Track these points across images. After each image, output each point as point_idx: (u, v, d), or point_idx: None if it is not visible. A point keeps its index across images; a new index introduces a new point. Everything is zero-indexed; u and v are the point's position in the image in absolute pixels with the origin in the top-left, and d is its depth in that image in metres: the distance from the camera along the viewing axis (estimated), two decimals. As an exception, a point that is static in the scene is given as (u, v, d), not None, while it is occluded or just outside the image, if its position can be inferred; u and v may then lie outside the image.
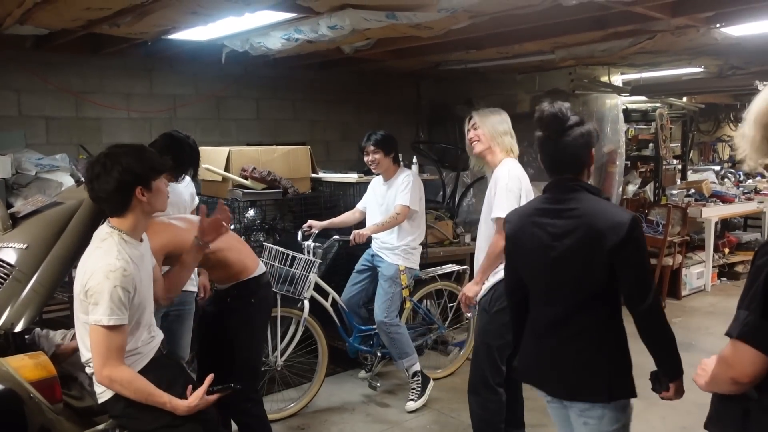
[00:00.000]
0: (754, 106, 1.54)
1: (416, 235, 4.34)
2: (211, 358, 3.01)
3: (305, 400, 4.23)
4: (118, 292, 2.14)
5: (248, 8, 3.57)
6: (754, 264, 1.51)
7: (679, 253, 6.84)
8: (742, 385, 1.54)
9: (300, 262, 4.03)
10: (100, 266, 2.17)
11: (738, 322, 1.51)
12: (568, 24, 4.52)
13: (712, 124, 10.89)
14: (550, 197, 2.23)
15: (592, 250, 2.06)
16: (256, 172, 4.60)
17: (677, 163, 8.13)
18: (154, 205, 2.33)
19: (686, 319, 6.22)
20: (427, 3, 3.45)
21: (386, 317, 4.22)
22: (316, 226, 4.34)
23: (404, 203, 4.16)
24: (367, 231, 4.15)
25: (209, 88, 6.22)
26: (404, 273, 4.27)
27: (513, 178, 3.14)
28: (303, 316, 4.09)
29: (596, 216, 2.09)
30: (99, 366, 2.17)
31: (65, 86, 5.42)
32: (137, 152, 2.29)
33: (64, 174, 4.80)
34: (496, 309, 3.22)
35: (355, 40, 4.72)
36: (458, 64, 6.35)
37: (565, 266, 2.13)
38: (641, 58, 6.21)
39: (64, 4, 3.52)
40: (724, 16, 4.35)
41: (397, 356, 4.30)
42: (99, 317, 2.13)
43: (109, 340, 2.15)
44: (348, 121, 7.34)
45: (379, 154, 4.22)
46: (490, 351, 3.23)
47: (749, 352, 1.49)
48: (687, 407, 4.19)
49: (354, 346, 4.46)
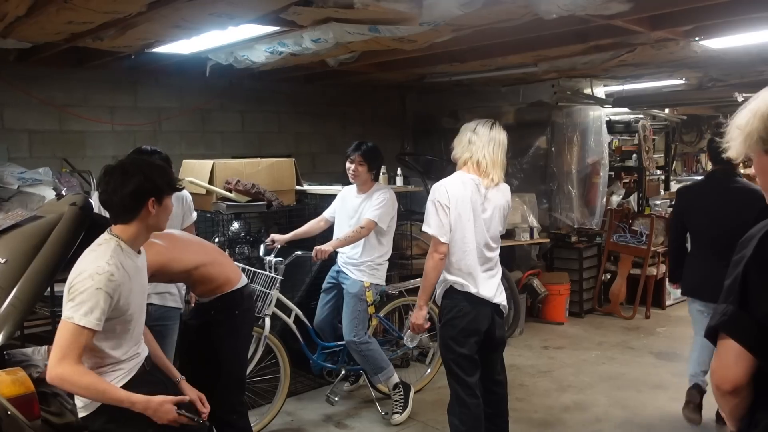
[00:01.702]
0: (760, 101, 1.48)
1: (383, 252, 4.27)
2: (195, 371, 2.99)
3: (261, 425, 4.01)
4: (99, 295, 2.11)
5: (232, 22, 3.58)
6: (732, 260, 1.49)
7: (663, 263, 6.89)
8: (726, 394, 1.46)
9: (261, 279, 3.97)
10: (89, 267, 2.16)
11: (716, 315, 1.46)
12: (550, 37, 4.57)
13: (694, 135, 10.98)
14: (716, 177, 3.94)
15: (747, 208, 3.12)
16: (240, 185, 4.59)
17: (660, 174, 8.21)
18: (159, 221, 2.35)
19: (671, 329, 6.25)
20: (410, 17, 3.47)
21: (355, 336, 4.14)
22: (278, 240, 4.25)
23: (372, 218, 4.09)
24: (328, 247, 4.05)
25: (194, 101, 6.21)
26: (369, 289, 4.19)
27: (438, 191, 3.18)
28: (264, 334, 3.96)
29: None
30: (54, 361, 2.10)
31: (49, 99, 5.39)
32: (159, 167, 2.38)
33: (46, 188, 4.76)
34: (442, 323, 3.25)
35: (340, 53, 4.74)
36: (443, 76, 6.39)
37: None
38: (623, 71, 6.28)
39: (47, 18, 3.51)
40: (703, 29, 4.41)
41: (373, 372, 4.24)
42: (72, 314, 2.10)
43: (74, 338, 2.09)
44: (333, 134, 7.35)
45: (363, 167, 4.18)
46: (448, 365, 3.24)
47: (733, 348, 1.42)
48: (671, 418, 4.22)
49: (318, 363, 4.37)
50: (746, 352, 1.41)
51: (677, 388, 4.67)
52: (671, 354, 5.48)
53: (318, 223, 4.48)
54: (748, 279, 1.42)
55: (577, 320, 6.60)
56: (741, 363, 1.42)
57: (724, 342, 1.45)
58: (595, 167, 6.86)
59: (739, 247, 1.49)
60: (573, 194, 6.89)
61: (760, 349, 1.41)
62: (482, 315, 3.20)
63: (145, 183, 2.25)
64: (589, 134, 6.84)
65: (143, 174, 2.25)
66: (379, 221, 4.11)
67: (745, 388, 1.44)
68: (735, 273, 1.46)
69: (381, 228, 4.15)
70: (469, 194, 3.16)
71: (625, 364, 5.26)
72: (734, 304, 1.43)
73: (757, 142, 1.47)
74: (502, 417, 3.41)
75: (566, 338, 6.00)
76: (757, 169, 1.53)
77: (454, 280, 3.18)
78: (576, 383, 4.85)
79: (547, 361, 5.35)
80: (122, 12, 3.37)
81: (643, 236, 6.67)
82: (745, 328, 1.42)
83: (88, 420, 2.29)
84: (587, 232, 6.88)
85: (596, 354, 5.53)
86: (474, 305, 3.18)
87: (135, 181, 2.23)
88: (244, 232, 4.98)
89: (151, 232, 2.39)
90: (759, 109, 1.46)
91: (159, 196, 2.29)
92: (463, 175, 3.21)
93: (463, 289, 3.17)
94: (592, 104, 6.95)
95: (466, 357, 3.19)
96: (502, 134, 3.24)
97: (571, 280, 6.55)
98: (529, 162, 7.06)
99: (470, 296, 3.17)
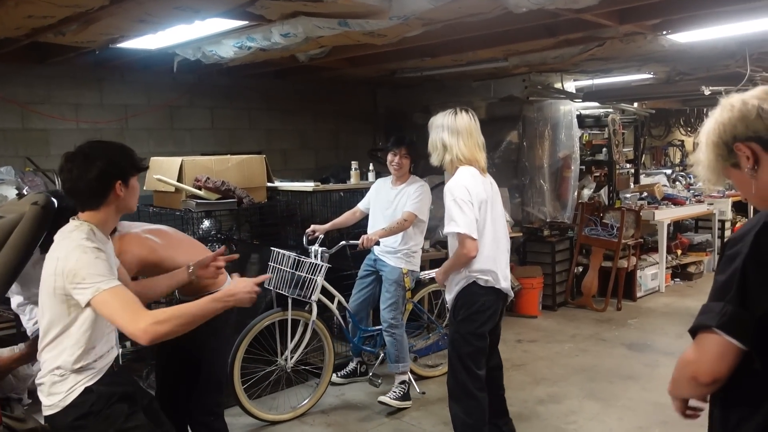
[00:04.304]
0: (704, 130, 1.58)
1: (418, 240, 4.43)
2: (173, 371, 2.94)
3: (316, 397, 4.33)
4: (99, 262, 2.07)
5: (198, 16, 3.52)
6: (724, 255, 1.47)
7: (634, 255, 6.97)
8: (702, 387, 1.47)
9: (307, 266, 4.06)
10: (73, 247, 2.09)
11: (712, 314, 1.42)
12: (520, 31, 4.58)
13: (663, 128, 11.15)
14: None
15: None
16: (210, 182, 4.52)
17: (630, 167, 8.31)
18: (128, 203, 2.29)
19: (642, 320, 6.33)
20: (379, 10, 3.45)
21: (393, 319, 4.32)
22: (319, 230, 4.41)
23: (413, 211, 4.24)
24: (375, 236, 4.18)
25: (162, 98, 6.10)
26: (407, 276, 4.36)
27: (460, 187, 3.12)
28: (312, 319, 4.15)
29: None
30: (133, 324, 2.01)
31: (10, 97, 5.26)
32: (120, 147, 2.30)
33: (9, 187, 4.66)
34: (460, 318, 3.24)
35: (310, 48, 4.70)
36: (414, 71, 6.38)
37: None
38: (593, 65, 6.34)
39: (5, 12, 3.42)
40: (671, 23, 4.47)
41: (395, 359, 4.36)
42: (96, 287, 2.03)
43: (119, 298, 2.04)
44: (305, 130, 7.30)
45: (407, 159, 4.33)
46: (462, 359, 3.24)
47: (719, 343, 1.41)
48: (644, 407, 4.27)
49: (358, 346, 4.61)
50: (735, 350, 1.40)
51: (649, 378, 4.73)
52: (642, 345, 5.55)
53: (354, 214, 4.65)
54: (747, 277, 1.39)
55: (550, 313, 6.64)
56: (727, 359, 1.41)
57: (709, 336, 1.43)
58: (567, 161, 6.91)
59: (731, 243, 1.47)
60: (545, 188, 6.94)
61: (760, 348, 1.39)
62: (500, 308, 3.29)
63: (109, 167, 2.19)
64: (560, 128, 6.88)
65: (106, 156, 2.20)
66: (419, 213, 4.27)
67: (722, 381, 1.44)
68: (730, 270, 1.43)
69: (420, 219, 4.31)
70: (482, 187, 3.16)
71: (598, 356, 5.30)
72: (733, 303, 1.40)
73: (719, 164, 1.55)
74: (498, 396, 3.46)
75: (540, 331, 6.04)
76: (735, 184, 1.58)
77: (478, 275, 3.17)
78: (550, 376, 4.87)
79: (521, 355, 5.38)
80: (84, 6, 3.30)
81: (613, 229, 6.73)
82: (747, 328, 1.39)
83: (55, 419, 2.21)
84: (559, 225, 6.92)
85: (569, 346, 5.57)
86: (496, 300, 3.23)
87: (99, 164, 2.17)
88: (215, 230, 4.91)
89: (120, 215, 2.34)
90: (708, 138, 1.56)
91: (125, 177, 2.23)
92: (468, 169, 3.17)
93: (488, 284, 3.18)
94: (563, 99, 7.00)
95: (482, 350, 3.24)
96: (470, 119, 3.23)
97: (544, 274, 6.59)
98: (501, 156, 7.08)
99: (494, 291, 3.20)
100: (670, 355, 5.07)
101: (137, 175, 2.32)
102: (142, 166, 2.36)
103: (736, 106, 1.52)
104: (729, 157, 1.53)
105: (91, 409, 2.16)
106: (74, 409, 2.16)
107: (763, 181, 1.49)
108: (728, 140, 1.51)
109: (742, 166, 1.51)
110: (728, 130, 1.51)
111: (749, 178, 1.51)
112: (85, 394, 2.17)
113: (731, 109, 1.52)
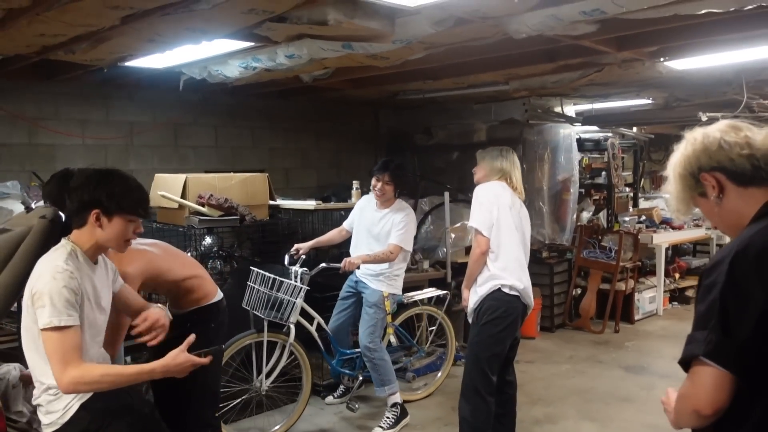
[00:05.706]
0: (670, 164, 1.68)
1: (401, 264, 4.41)
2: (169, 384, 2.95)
3: (291, 422, 4.26)
4: (65, 293, 2.07)
5: (206, 37, 3.60)
6: (702, 284, 1.51)
7: (632, 278, 7.01)
8: (705, 418, 1.48)
9: (286, 288, 4.02)
10: (47, 268, 2.12)
11: (698, 343, 1.45)
12: (521, 56, 4.66)
13: (662, 153, 11.21)
14: None
15: None
16: (213, 199, 4.58)
17: (629, 191, 8.35)
18: (108, 240, 2.24)
19: (639, 343, 6.35)
20: (383, 34, 3.52)
21: (370, 342, 4.27)
22: (303, 249, 4.36)
23: (397, 243, 4.24)
24: (357, 260, 4.17)
25: (167, 115, 6.18)
26: (388, 299, 4.33)
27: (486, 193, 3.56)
28: (289, 341, 4.11)
29: None
30: (60, 372, 2.04)
31: (18, 112, 5.33)
32: (114, 182, 2.24)
33: (15, 201, 4.70)
34: (483, 321, 3.41)
35: (314, 69, 4.78)
36: (416, 93, 6.46)
37: None
38: (592, 90, 6.42)
39: (17, 31, 3.49)
40: (668, 50, 4.55)
41: (380, 383, 4.31)
42: (49, 319, 2.04)
43: (63, 340, 2.05)
44: (307, 149, 7.38)
45: (390, 186, 4.32)
46: (479, 362, 3.40)
47: (713, 375, 1.43)
48: (639, 430, 4.28)
49: (336, 369, 4.54)
50: (729, 378, 1.42)
51: (644, 400, 4.75)
52: (639, 368, 5.57)
53: (340, 233, 4.66)
54: (727, 305, 1.42)
55: (548, 335, 6.66)
56: (725, 388, 1.43)
57: (702, 368, 1.45)
58: (566, 184, 6.96)
59: (707, 273, 1.50)
60: (544, 210, 6.99)
61: (746, 374, 1.42)
62: (520, 319, 3.48)
63: (83, 194, 2.20)
64: (560, 152, 6.95)
65: (88, 183, 2.21)
66: (405, 245, 4.28)
67: (724, 409, 1.46)
68: (710, 299, 1.46)
69: (406, 251, 4.34)
70: (509, 199, 3.51)
71: (595, 378, 5.32)
72: (716, 332, 1.42)
73: (687, 194, 1.65)
74: (509, 417, 3.62)
75: (537, 352, 6.05)
76: (703, 212, 1.67)
77: (503, 282, 3.40)
78: (546, 396, 4.89)
79: (518, 375, 5.31)
80: (95, 25, 3.36)
81: (612, 252, 6.78)
82: (732, 355, 1.42)
83: None
84: (558, 247, 6.97)
85: (566, 368, 5.59)
86: (518, 309, 3.44)
87: (77, 187, 2.22)
88: (217, 247, 4.96)
89: (102, 250, 2.32)
90: (675, 171, 1.66)
91: (106, 211, 2.20)
92: (500, 183, 3.57)
93: (512, 292, 3.41)
94: (563, 122, 7.08)
95: (499, 356, 3.42)
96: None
97: (543, 295, 6.62)
98: (500, 178, 7.14)
99: (518, 299, 3.42)
100: (667, 377, 5.09)
101: (126, 216, 2.24)
102: (134, 210, 2.26)
103: (698, 139, 1.62)
104: (696, 186, 1.62)
105: (89, 426, 2.18)
106: (72, 426, 2.18)
107: (727, 209, 1.58)
108: (694, 171, 1.61)
109: (709, 195, 1.60)
110: (693, 162, 1.61)
111: (715, 206, 1.60)
112: (81, 410, 2.18)
113: (694, 143, 1.63)
